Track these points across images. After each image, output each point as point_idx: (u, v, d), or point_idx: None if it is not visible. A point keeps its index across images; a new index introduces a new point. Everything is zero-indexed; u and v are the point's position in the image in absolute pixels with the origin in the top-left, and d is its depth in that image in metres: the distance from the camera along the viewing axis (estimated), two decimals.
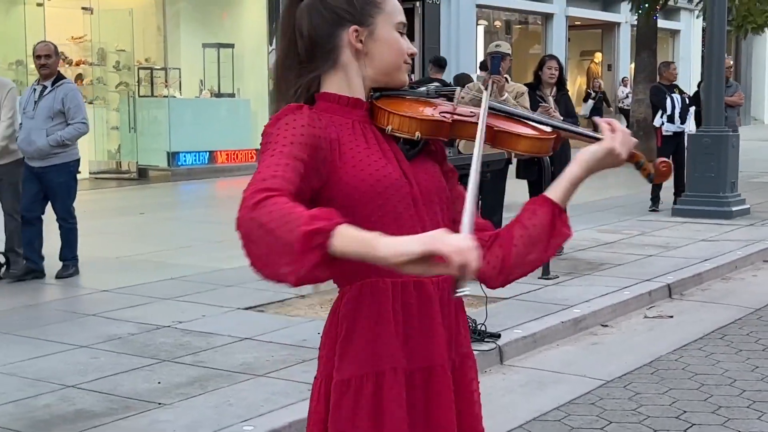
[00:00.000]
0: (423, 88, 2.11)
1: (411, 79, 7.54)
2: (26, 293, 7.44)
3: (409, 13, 21.97)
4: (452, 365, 2.03)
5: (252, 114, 18.18)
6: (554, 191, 2.01)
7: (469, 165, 1.88)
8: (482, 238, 1.93)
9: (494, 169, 6.70)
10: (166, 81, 17.82)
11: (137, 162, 16.97)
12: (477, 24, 24.43)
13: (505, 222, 2.45)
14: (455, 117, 2.05)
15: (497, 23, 27.09)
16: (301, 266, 1.64)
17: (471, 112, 2.07)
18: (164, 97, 17.42)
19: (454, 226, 1.79)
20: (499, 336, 6.23)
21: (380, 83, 2.07)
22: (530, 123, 2.11)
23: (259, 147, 1.94)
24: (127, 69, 18.05)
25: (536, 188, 8.69)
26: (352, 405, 1.94)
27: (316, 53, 2.02)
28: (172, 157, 16.90)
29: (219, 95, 18.26)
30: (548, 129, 2.09)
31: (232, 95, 18.44)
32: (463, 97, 2.10)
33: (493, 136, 2.05)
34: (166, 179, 16.69)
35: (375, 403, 1.94)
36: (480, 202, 8.03)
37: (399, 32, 2.06)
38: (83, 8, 17.59)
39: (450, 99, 2.11)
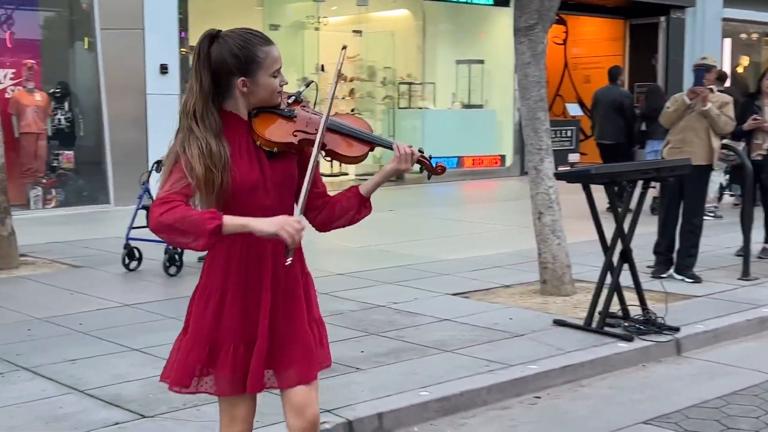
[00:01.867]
0: (284, 108, 2.88)
1: None
2: None
3: (653, 27, 21.43)
4: (281, 285, 2.90)
5: (498, 123, 18.48)
6: (364, 187, 3.01)
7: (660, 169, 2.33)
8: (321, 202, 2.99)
9: (678, 174, 6.62)
10: (422, 94, 18.47)
11: None
12: (723, 37, 23.37)
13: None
14: (301, 137, 2.86)
15: (747, 35, 25.75)
16: (207, 242, 2.63)
17: (315, 129, 2.85)
18: (419, 108, 18.07)
19: (318, 189, 2.95)
20: (677, 329, 6.18)
21: (254, 107, 2.87)
22: (356, 138, 2.94)
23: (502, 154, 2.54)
24: (392, 84, 18.85)
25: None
26: (203, 304, 2.88)
27: (221, 87, 2.84)
28: None
29: (468, 106, 18.70)
30: (364, 146, 2.96)
31: (480, 106, 18.81)
32: (304, 107, 2.91)
33: (326, 152, 2.90)
34: (419, 181, 17.31)
35: (219, 305, 2.86)
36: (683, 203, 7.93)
37: (273, 76, 2.83)
38: (354, 31, 18.55)
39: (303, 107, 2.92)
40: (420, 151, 3.02)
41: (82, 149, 13.49)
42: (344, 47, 2.97)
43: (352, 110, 19.50)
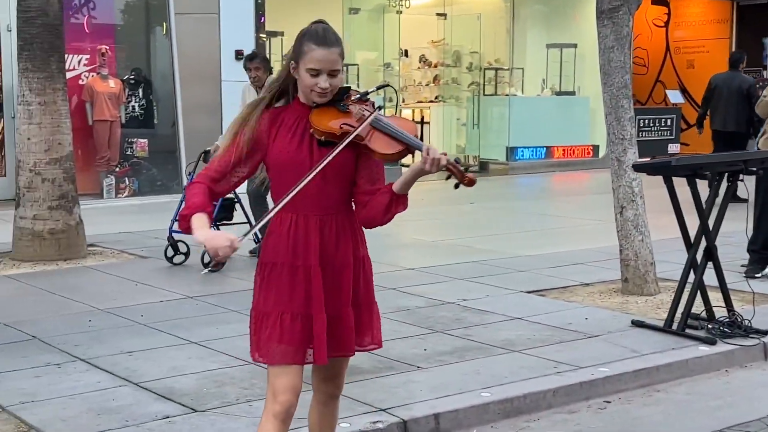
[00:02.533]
0: (342, 103, 3.19)
1: None
2: None
3: (763, 9, 20.82)
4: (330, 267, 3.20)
5: (591, 111, 18.26)
6: (397, 184, 3.14)
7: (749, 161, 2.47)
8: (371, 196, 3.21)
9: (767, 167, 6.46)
10: (510, 80, 18.37)
11: (479, 156, 17.68)
12: None
13: None
14: (345, 129, 3.14)
15: None
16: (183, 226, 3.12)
17: (360, 124, 3.14)
18: (506, 95, 17.98)
19: (372, 186, 3.19)
20: (766, 333, 6.05)
21: (307, 97, 3.19)
22: (392, 137, 3.16)
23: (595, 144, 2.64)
24: (478, 69, 18.82)
25: None
26: (259, 278, 3.24)
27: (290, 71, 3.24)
28: (510, 151, 17.43)
29: (560, 93, 18.52)
30: (399, 146, 3.15)
31: (573, 93, 18.62)
32: (366, 107, 3.19)
33: (361, 146, 3.14)
34: (504, 173, 17.26)
35: (269, 279, 3.21)
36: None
37: (311, 75, 3.12)
38: (437, 14, 18.57)
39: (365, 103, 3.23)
40: (456, 160, 3.17)
41: (155, 137, 13.84)
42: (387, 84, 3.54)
43: (436, 97, 19.55)
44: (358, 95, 3.23)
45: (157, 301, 7.01)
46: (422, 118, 18.38)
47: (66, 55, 12.95)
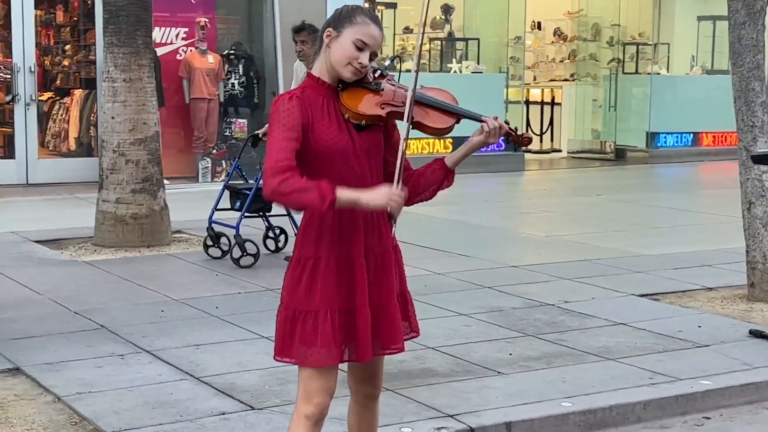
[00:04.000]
0: (371, 81, 3.39)
1: None
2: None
3: None
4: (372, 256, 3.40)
5: None
6: (450, 159, 3.43)
7: None
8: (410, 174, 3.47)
9: None
10: (653, 57, 18.12)
11: (614, 142, 17.52)
12: None
13: None
14: (389, 109, 3.34)
15: None
16: (328, 207, 3.20)
17: (402, 101, 3.35)
18: (648, 74, 17.75)
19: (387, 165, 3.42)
20: None
21: (333, 73, 3.35)
22: (442, 110, 3.41)
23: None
24: (619, 44, 18.62)
25: None
26: (298, 274, 3.37)
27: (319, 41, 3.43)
28: (651, 137, 17.22)
29: (711, 72, 18.17)
30: (450, 118, 3.42)
31: (726, 72, 18.21)
32: (389, 80, 3.41)
33: (413, 124, 3.34)
34: (643, 161, 17.08)
35: (312, 273, 3.35)
36: None
37: (357, 46, 3.29)
38: None
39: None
40: (506, 122, 3.40)
41: (256, 117, 14.26)
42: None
43: (572, 75, 19.45)
44: (377, 71, 3.41)
45: (235, 292, 7.34)
46: (552, 98, 18.33)
47: (162, 29, 13.65)
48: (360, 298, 3.34)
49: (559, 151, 18.35)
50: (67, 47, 15.13)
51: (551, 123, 18.34)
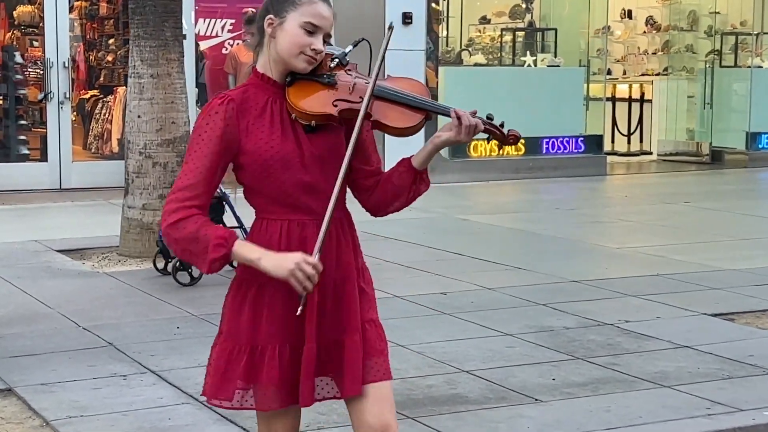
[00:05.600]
0: (324, 74, 3.09)
1: None
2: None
3: None
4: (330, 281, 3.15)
5: None
6: (416, 159, 3.14)
7: None
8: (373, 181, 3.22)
9: None
10: (755, 48, 17.76)
11: (710, 143, 17.19)
12: None
13: None
14: (343, 106, 3.06)
15: None
16: (209, 270, 3.07)
17: (360, 96, 3.06)
18: (749, 67, 17.40)
19: (369, 165, 3.19)
20: None
21: (281, 66, 3.10)
22: (407, 106, 3.11)
23: None
24: (719, 35, 18.29)
25: None
26: (240, 299, 3.18)
27: (262, 35, 3.16)
28: (752, 138, 16.86)
29: None
30: (417, 114, 3.11)
31: None
32: (349, 71, 3.11)
33: (372, 123, 3.10)
34: (742, 164, 16.72)
35: (256, 301, 3.15)
36: None
37: (307, 30, 3.04)
38: None
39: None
40: (489, 117, 3.13)
41: None
42: (390, 28, 3.27)
43: (665, 69, 19.16)
44: (335, 59, 3.09)
45: None
46: (642, 95, 18.06)
47: (206, 20, 13.76)
48: (309, 331, 3.08)
49: (649, 153, 18.07)
50: (111, 41, 15.33)
51: (640, 122, 18.06)
